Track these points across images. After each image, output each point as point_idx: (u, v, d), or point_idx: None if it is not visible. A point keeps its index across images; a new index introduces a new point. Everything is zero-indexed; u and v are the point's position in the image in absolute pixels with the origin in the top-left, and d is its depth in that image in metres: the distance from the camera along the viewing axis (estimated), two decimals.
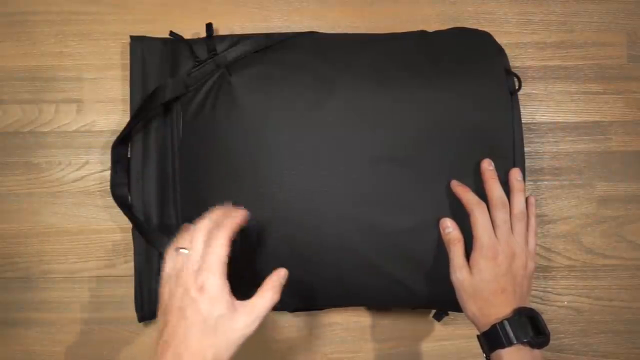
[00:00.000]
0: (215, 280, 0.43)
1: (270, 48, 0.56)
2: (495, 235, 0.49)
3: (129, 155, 0.58)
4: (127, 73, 0.58)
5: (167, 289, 0.44)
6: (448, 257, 0.50)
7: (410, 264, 0.52)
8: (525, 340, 0.46)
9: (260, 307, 0.44)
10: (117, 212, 0.57)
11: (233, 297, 0.43)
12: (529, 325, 0.46)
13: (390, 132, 0.52)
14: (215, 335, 0.42)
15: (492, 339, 0.47)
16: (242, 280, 0.55)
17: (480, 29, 0.58)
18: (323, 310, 0.61)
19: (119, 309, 0.61)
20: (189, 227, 0.46)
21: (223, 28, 0.62)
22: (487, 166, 0.51)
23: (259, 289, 0.45)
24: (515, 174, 0.52)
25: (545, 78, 0.64)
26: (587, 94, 0.64)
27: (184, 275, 0.43)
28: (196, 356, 0.41)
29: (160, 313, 0.45)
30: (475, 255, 0.48)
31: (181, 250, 0.45)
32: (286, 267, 0.47)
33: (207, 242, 0.44)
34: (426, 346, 0.63)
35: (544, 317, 0.47)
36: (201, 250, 0.44)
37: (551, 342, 0.47)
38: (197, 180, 0.54)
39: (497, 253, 0.48)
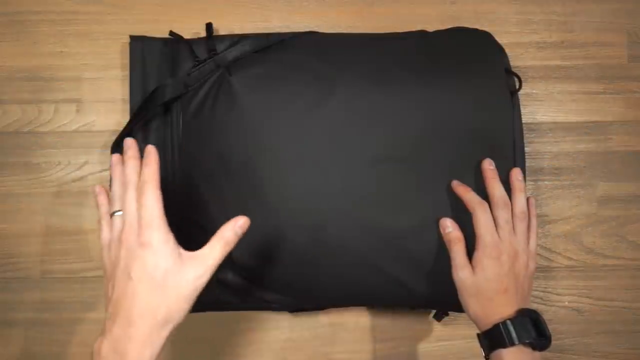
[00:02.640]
0: (158, 233, 0.41)
1: (270, 48, 0.56)
2: (498, 235, 0.49)
3: None
4: (127, 73, 0.58)
5: (111, 254, 0.44)
6: (449, 257, 0.50)
7: (410, 264, 0.52)
8: (527, 341, 0.46)
9: (211, 257, 0.42)
10: None
11: (180, 248, 0.42)
12: (531, 326, 0.46)
13: (391, 131, 0.52)
14: (165, 291, 0.40)
15: (493, 338, 0.47)
16: (243, 280, 0.55)
17: (480, 28, 0.58)
18: (323, 310, 0.61)
19: None
20: (110, 192, 0.46)
21: (223, 28, 0.62)
22: (488, 166, 0.51)
23: (212, 238, 0.43)
24: (515, 174, 0.52)
25: (546, 78, 0.64)
26: (588, 94, 0.64)
27: (125, 236, 0.42)
28: (146, 316, 0.40)
29: (106, 280, 0.44)
30: (478, 254, 0.48)
31: (116, 213, 0.44)
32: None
33: (139, 200, 0.43)
34: (426, 346, 0.63)
35: (545, 317, 0.47)
36: (135, 211, 0.43)
37: (552, 342, 0.47)
38: (197, 180, 0.54)
39: (501, 252, 0.48)
